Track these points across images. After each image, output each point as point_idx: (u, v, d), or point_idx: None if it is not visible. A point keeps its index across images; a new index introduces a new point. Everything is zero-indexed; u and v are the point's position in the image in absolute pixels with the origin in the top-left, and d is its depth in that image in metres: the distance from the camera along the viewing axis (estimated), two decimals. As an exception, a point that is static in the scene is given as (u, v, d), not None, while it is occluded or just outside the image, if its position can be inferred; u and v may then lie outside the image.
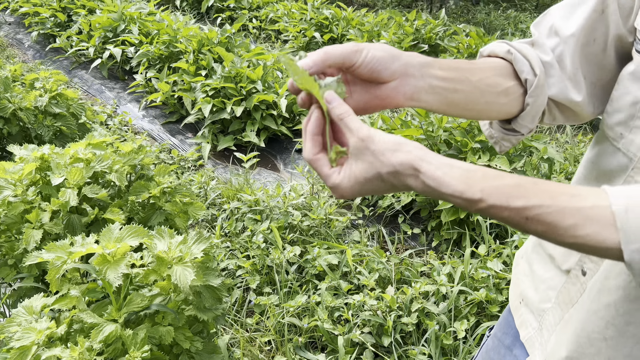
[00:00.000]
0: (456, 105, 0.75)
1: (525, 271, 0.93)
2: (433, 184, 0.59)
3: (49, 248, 1.58)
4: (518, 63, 0.79)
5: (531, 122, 0.82)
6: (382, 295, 2.21)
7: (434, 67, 0.71)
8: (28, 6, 6.17)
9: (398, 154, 0.60)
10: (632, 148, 0.72)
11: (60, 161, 2.06)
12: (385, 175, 0.62)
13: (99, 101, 4.76)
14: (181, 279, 1.47)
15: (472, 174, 0.59)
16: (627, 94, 0.73)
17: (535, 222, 0.57)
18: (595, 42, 0.79)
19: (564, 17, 0.81)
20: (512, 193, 0.58)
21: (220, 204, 3.09)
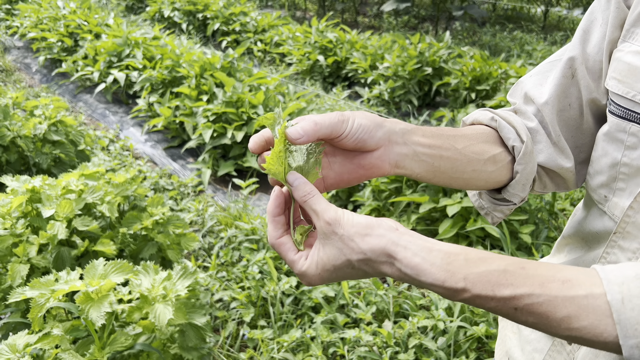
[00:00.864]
0: (443, 173, 0.71)
1: (512, 328, 0.89)
2: (411, 273, 0.55)
3: (32, 285, 1.55)
4: (503, 130, 0.76)
5: (522, 190, 0.78)
6: (378, 330, 2.15)
7: (417, 134, 0.68)
8: (36, 31, 6.26)
9: (369, 238, 0.56)
10: (617, 212, 0.69)
11: (52, 193, 2.04)
12: (356, 263, 0.57)
13: (101, 125, 4.78)
14: (160, 318, 1.43)
15: (454, 258, 0.55)
16: (604, 155, 0.70)
17: (525, 313, 0.53)
18: (571, 107, 0.77)
19: (536, 84, 0.79)
20: (499, 280, 0.53)
21: (218, 231, 3.06)
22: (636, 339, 0.49)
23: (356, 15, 9.98)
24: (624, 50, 0.68)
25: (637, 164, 0.65)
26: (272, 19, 7.64)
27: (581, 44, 0.76)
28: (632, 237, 0.65)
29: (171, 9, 7.86)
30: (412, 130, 0.68)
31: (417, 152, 0.67)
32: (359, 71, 5.75)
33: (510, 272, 0.53)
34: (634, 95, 0.64)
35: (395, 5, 8.24)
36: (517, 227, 2.69)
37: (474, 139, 0.74)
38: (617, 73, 0.68)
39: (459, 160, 0.71)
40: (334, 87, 5.75)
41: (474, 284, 0.53)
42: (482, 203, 0.84)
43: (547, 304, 0.52)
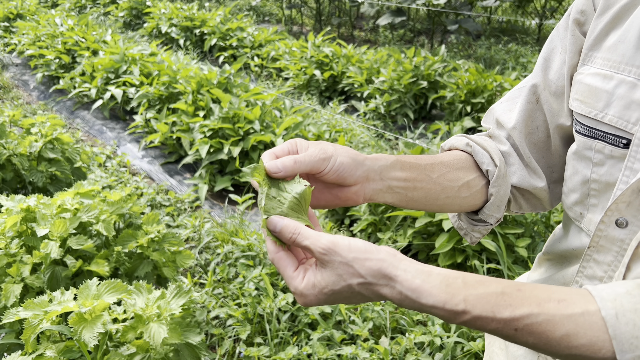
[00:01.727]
0: (415, 202, 0.75)
1: (500, 344, 0.90)
2: (411, 295, 0.55)
3: (26, 306, 1.55)
4: (478, 155, 0.80)
5: (497, 211, 0.81)
6: (375, 347, 2.14)
7: (396, 168, 0.71)
8: (34, 48, 6.30)
9: (368, 263, 0.56)
10: (591, 227, 0.71)
11: (47, 212, 2.04)
12: (356, 287, 0.57)
13: (99, 142, 4.79)
14: (154, 337, 1.42)
15: (452, 280, 0.56)
16: (575, 173, 0.73)
17: (525, 334, 0.54)
18: (539, 130, 0.81)
19: (505, 110, 0.83)
20: (498, 302, 0.54)
21: (215, 247, 3.05)
22: (632, 353, 0.50)
23: (352, 30, 10.05)
24: (583, 73, 0.72)
25: (606, 179, 0.68)
26: (268, 34, 7.69)
27: (543, 71, 0.80)
28: (606, 250, 0.67)
29: (168, 25, 7.91)
30: (390, 165, 0.71)
31: (391, 186, 0.71)
32: (355, 85, 5.78)
33: (507, 294, 0.55)
34: (596, 114, 0.68)
35: (390, 19, 8.31)
36: (513, 241, 2.69)
37: (449, 166, 0.78)
38: (579, 94, 0.71)
39: (433, 190, 0.75)
40: (331, 102, 5.78)
41: (474, 305, 0.54)
42: (461, 224, 0.87)
43: (546, 323, 0.53)
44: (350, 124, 4.75)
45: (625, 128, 0.64)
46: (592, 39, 0.72)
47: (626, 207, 0.63)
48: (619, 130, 0.65)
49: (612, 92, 0.66)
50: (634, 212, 0.63)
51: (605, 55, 0.69)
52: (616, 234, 0.65)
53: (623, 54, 0.66)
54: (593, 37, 0.72)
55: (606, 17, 0.70)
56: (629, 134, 0.64)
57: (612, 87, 0.66)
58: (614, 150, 0.66)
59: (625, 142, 0.64)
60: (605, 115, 0.66)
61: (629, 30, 0.66)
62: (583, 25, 0.75)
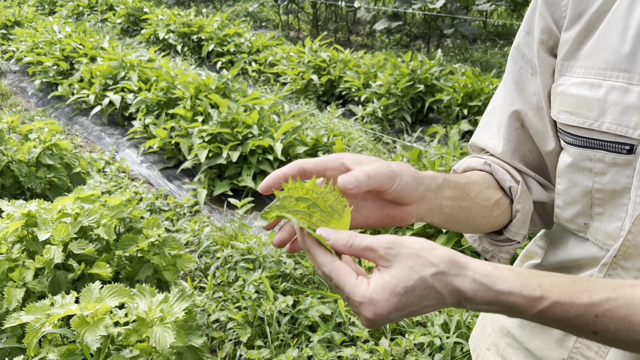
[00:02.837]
0: (457, 223, 0.72)
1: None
2: (486, 281, 0.51)
3: (28, 310, 1.56)
4: (498, 173, 0.79)
5: (523, 228, 0.79)
6: (375, 348, 2.15)
7: (445, 187, 0.68)
8: (32, 55, 6.31)
9: (437, 252, 0.52)
10: (600, 236, 0.70)
11: (48, 217, 2.05)
12: (429, 279, 0.51)
13: (97, 148, 4.80)
14: (160, 341, 1.43)
15: (521, 270, 0.54)
16: (574, 186, 0.72)
17: (606, 320, 0.51)
18: (531, 152, 0.80)
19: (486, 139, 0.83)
20: (573, 288, 0.52)
21: (214, 251, 3.06)
22: None
23: (349, 35, 10.10)
24: (564, 84, 0.71)
25: (611, 187, 0.67)
26: (266, 39, 7.73)
27: (519, 94, 0.78)
28: (634, 257, 0.66)
29: (166, 31, 7.94)
30: (443, 184, 0.68)
31: (442, 205, 0.68)
32: (353, 89, 5.81)
33: (578, 282, 0.53)
34: (590, 124, 0.66)
35: (387, 24, 8.35)
36: (512, 242, 2.71)
37: (481, 185, 0.76)
38: (565, 106, 0.70)
39: (473, 209, 0.72)
40: (328, 106, 5.80)
41: (550, 291, 0.52)
42: (485, 247, 0.84)
43: (627, 307, 0.51)
44: (348, 128, 4.77)
45: (626, 134, 0.63)
46: (566, 50, 0.71)
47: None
48: (619, 137, 0.64)
49: (603, 99, 0.65)
50: None
51: (585, 64, 0.68)
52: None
53: (606, 60, 0.65)
54: (567, 48, 0.71)
55: (578, 27, 0.70)
56: (631, 139, 0.63)
57: (602, 94, 0.65)
58: (617, 157, 0.65)
59: (629, 148, 0.64)
60: (602, 124, 0.65)
61: (607, 36, 0.66)
62: (548, 42, 0.74)
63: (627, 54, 0.64)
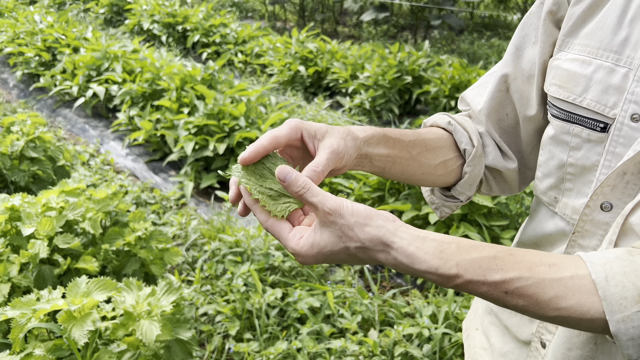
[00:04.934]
0: (391, 175, 0.78)
1: (482, 344, 0.90)
2: (406, 261, 0.57)
3: (13, 304, 1.53)
4: (457, 134, 0.83)
5: (469, 189, 0.85)
6: (364, 340, 2.15)
7: (381, 144, 0.73)
8: (13, 46, 6.19)
9: (368, 228, 0.58)
10: (567, 211, 0.73)
11: (32, 211, 2.02)
12: (353, 250, 0.59)
13: (81, 140, 4.73)
14: (147, 334, 1.42)
15: (446, 246, 0.57)
16: (552, 158, 0.74)
17: (515, 296, 0.55)
18: (508, 117, 0.83)
19: (476, 95, 0.87)
20: (489, 266, 0.56)
21: (202, 244, 3.04)
22: (621, 313, 0.52)
23: (336, 25, 10.05)
24: (561, 59, 0.73)
25: (582, 163, 0.69)
26: (252, 30, 7.66)
27: (514, 60, 0.82)
28: (591, 234, 0.68)
29: (150, 22, 7.83)
30: (376, 143, 0.73)
31: (372, 161, 0.73)
32: (340, 81, 5.79)
33: (500, 258, 0.56)
34: (574, 99, 0.69)
35: (374, 15, 8.33)
36: (499, 233, 2.73)
37: (429, 144, 0.80)
38: (557, 79, 0.72)
39: (411, 166, 0.78)
40: (316, 97, 5.78)
41: (466, 270, 0.56)
42: (433, 199, 0.90)
43: (536, 286, 0.54)
44: (335, 120, 4.76)
45: (602, 112, 0.66)
46: (569, 25, 0.73)
47: (611, 190, 0.65)
48: (596, 114, 0.67)
49: (590, 76, 0.67)
50: (618, 195, 0.64)
51: (583, 42, 0.70)
52: (601, 218, 0.67)
53: (601, 40, 0.67)
54: (570, 24, 0.73)
55: (584, 4, 0.71)
56: (607, 117, 0.65)
57: (590, 72, 0.67)
58: (592, 134, 0.68)
59: (603, 126, 0.66)
60: (584, 100, 0.68)
61: (607, 17, 0.68)
62: (556, 14, 0.76)
63: (620, 36, 0.66)
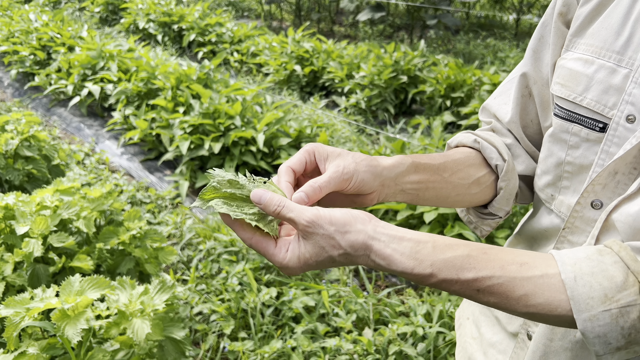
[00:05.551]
0: (426, 200, 0.78)
1: (472, 334, 0.91)
2: (383, 263, 0.59)
3: (7, 303, 1.53)
4: (486, 151, 0.82)
5: (506, 204, 0.84)
6: (359, 338, 2.16)
7: (410, 172, 0.74)
8: (7, 45, 6.17)
9: (348, 235, 0.59)
10: (563, 209, 0.74)
11: (26, 209, 2.01)
12: (337, 257, 0.60)
13: (76, 139, 4.72)
14: (138, 333, 1.42)
15: (422, 246, 0.59)
16: (550, 155, 0.75)
17: (486, 294, 0.57)
18: (533, 123, 0.83)
19: (501, 104, 0.85)
20: (463, 265, 0.58)
21: (197, 244, 3.04)
22: (588, 312, 0.53)
23: (332, 25, 10.06)
24: (566, 58, 0.73)
25: (580, 162, 0.70)
26: (248, 29, 7.65)
27: (533, 63, 0.81)
28: (580, 231, 0.69)
29: (146, 21, 7.82)
30: (406, 170, 0.73)
31: (404, 189, 0.74)
32: (336, 80, 5.79)
33: (473, 257, 0.58)
34: (574, 98, 0.69)
35: (370, 15, 8.33)
36: (493, 232, 2.74)
37: (460, 164, 0.80)
38: (560, 78, 0.73)
39: (444, 189, 0.78)
40: (311, 97, 5.78)
41: (440, 269, 0.58)
42: (470, 218, 0.89)
43: (507, 285, 0.56)
44: (331, 119, 4.76)
45: (602, 112, 0.66)
46: (577, 25, 0.73)
47: (602, 189, 0.65)
48: (595, 114, 0.67)
49: (591, 76, 0.68)
50: (608, 193, 0.65)
51: (588, 42, 0.70)
52: (591, 215, 0.67)
53: (605, 40, 0.68)
54: (577, 24, 0.73)
55: (590, 5, 0.72)
56: (606, 117, 0.66)
57: (592, 71, 0.68)
58: (590, 133, 0.68)
59: (602, 126, 0.66)
60: (584, 99, 0.68)
61: (612, 17, 0.68)
62: (566, 15, 0.76)
63: (624, 37, 0.66)
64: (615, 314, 0.53)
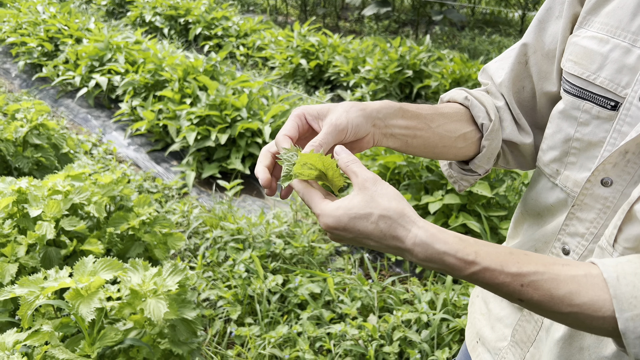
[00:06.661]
0: (415, 148, 0.80)
1: (481, 310, 0.94)
2: (427, 239, 0.59)
3: (21, 283, 1.57)
4: (474, 109, 0.85)
5: (487, 163, 0.87)
6: (363, 324, 2.19)
7: (398, 116, 0.77)
8: (15, 36, 6.21)
9: (394, 202, 0.61)
10: (569, 184, 0.75)
11: (38, 193, 2.05)
12: (376, 217, 0.60)
13: (84, 130, 4.76)
14: (155, 312, 1.45)
15: (465, 238, 0.60)
16: (559, 131, 0.76)
17: (531, 290, 0.57)
18: (524, 90, 0.85)
19: (498, 68, 0.88)
20: (506, 259, 0.58)
21: (204, 232, 3.08)
22: (631, 312, 0.54)
23: (337, 20, 10.06)
24: (580, 36, 0.75)
25: (589, 139, 0.72)
26: (254, 23, 7.67)
27: (536, 32, 0.83)
28: (589, 208, 0.71)
29: (152, 14, 7.84)
30: (393, 113, 0.76)
31: (394, 133, 0.76)
32: (341, 74, 5.81)
33: (516, 254, 0.59)
34: (588, 76, 0.71)
35: (375, 10, 8.34)
36: (497, 223, 2.76)
37: (448, 117, 0.82)
38: (573, 55, 0.74)
39: (432, 139, 0.80)
40: (317, 91, 5.81)
41: (484, 258, 0.58)
42: (451, 172, 0.92)
43: (551, 281, 0.57)
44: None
45: (615, 91, 0.68)
46: (592, 3, 0.74)
47: (612, 167, 0.67)
48: (609, 92, 0.68)
49: (606, 55, 0.69)
50: (619, 172, 0.67)
51: (603, 20, 0.72)
52: (601, 192, 0.69)
53: (620, 20, 0.69)
54: (593, 1, 0.74)
55: None
56: (618, 96, 0.67)
57: (607, 50, 0.69)
58: (602, 111, 0.70)
59: (613, 105, 0.68)
60: (597, 77, 0.70)
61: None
62: None
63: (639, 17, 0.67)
64: None
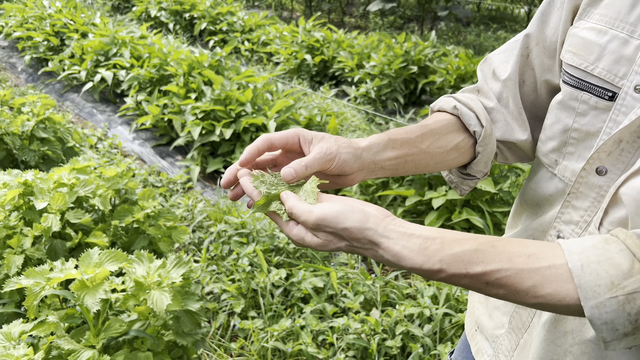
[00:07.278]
0: (406, 172, 0.82)
1: (479, 298, 0.95)
2: (392, 259, 0.62)
3: (27, 274, 1.58)
4: (465, 117, 0.85)
5: (484, 167, 0.88)
6: (366, 318, 2.20)
7: (387, 148, 0.78)
8: (21, 30, 6.23)
9: (355, 233, 0.63)
10: (567, 173, 0.76)
11: (44, 186, 2.06)
12: (344, 248, 0.65)
13: (89, 124, 4.78)
14: (157, 304, 1.47)
15: (431, 242, 0.61)
16: (557, 122, 0.77)
17: (495, 286, 0.59)
18: (525, 84, 0.86)
19: (502, 62, 0.88)
20: (471, 259, 0.60)
21: (208, 226, 3.09)
22: (595, 299, 0.55)
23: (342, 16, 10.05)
24: (579, 27, 0.75)
25: (587, 129, 0.73)
26: (259, 18, 7.68)
27: (539, 25, 0.83)
28: (584, 196, 0.72)
29: (158, 9, 7.86)
30: (382, 148, 0.77)
31: (383, 166, 0.78)
32: (346, 70, 5.81)
33: (481, 250, 0.60)
34: (586, 67, 0.72)
35: (381, 6, 8.32)
36: (500, 219, 2.77)
37: (438, 133, 0.83)
38: (572, 47, 0.75)
39: (423, 159, 0.82)
40: (321, 86, 5.81)
41: (449, 264, 0.60)
42: (451, 178, 0.94)
43: (515, 277, 0.58)
44: (341, 108, 4.79)
45: (612, 81, 0.68)
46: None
47: (607, 156, 0.68)
48: (606, 83, 0.69)
49: (604, 46, 0.70)
50: (613, 161, 0.68)
51: (602, 12, 0.72)
52: (595, 181, 0.70)
53: (619, 11, 0.70)
54: None
55: None
56: (616, 87, 0.68)
57: (605, 41, 0.70)
58: (599, 102, 0.70)
59: (611, 95, 0.69)
60: (595, 68, 0.71)
61: None
62: None
63: (638, 9, 0.68)
64: (622, 300, 0.54)
